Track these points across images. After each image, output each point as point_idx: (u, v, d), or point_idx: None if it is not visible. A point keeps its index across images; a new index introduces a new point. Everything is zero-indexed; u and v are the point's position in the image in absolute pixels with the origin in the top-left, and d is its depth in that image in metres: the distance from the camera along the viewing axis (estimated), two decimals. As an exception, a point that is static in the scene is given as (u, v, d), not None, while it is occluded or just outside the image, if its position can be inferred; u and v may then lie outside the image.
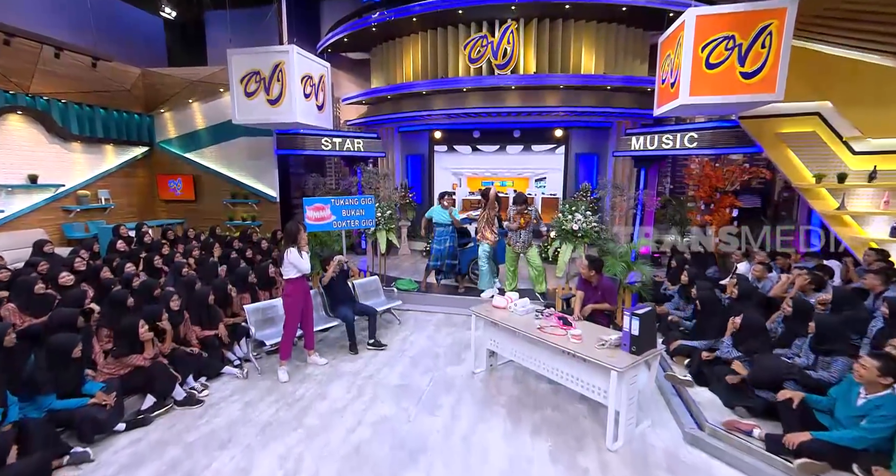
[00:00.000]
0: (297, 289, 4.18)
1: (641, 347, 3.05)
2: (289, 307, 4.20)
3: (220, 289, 4.65)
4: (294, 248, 4.10)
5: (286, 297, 4.21)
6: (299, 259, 4.09)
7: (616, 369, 2.91)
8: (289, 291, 4.19)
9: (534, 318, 3.92)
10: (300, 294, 4.20)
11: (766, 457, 2.75)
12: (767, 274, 5.05)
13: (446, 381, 4.14)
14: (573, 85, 7.71)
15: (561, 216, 5.79)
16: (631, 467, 2.90)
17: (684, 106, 5.32)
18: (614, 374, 2.93)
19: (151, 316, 3.69)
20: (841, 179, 5.79)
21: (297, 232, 4.13)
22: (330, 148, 8.58)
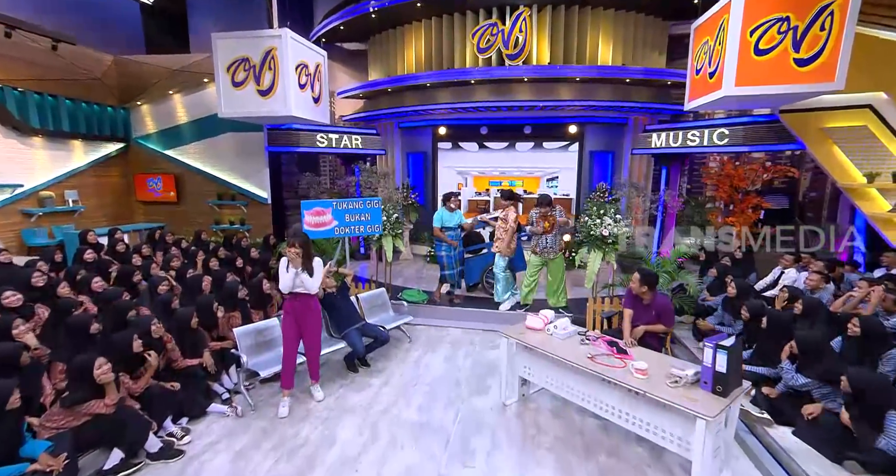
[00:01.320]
0: (288, 307, 3.57)
1: (728, 387, 2.47)
2: (282, 327, 3.61)
3: (205, 308, 3.97)
4: (283, 261, 3.47)
5: (282, 316, 3.60)
6: (283, 274, 3.46)
7: (704, 417, 2.32)
8: (283, 308, 3.63)
9: (579, 344, 3.33)
10: (290, 313, 3.55)
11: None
12: (824, 284, 4.54)
13: (475, 416, 3.53)
14: (590, 77, 7.15)
15: (588, 220, 5.21)
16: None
17: (728, 98, 4.77)
18: (701, 423, 2.34)
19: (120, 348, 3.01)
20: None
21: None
22: (326, 145, 7.89)
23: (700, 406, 2.38)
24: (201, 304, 3.96)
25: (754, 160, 7.98)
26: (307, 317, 3.61)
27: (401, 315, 5.05)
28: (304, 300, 3.58)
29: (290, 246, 3.42)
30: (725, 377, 2.44)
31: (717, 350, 2.45)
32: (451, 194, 5.68)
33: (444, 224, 5.62)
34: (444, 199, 5.72)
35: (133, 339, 3.09)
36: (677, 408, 2.48)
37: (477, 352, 4.82)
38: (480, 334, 5.32)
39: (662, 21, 7.89)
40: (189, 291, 4.44)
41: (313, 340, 3.69)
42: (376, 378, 4.19)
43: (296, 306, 3.55)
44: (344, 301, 4.43)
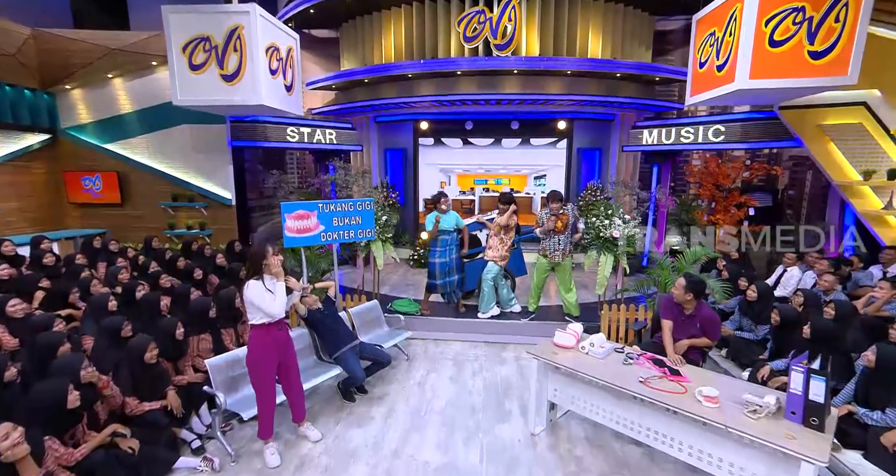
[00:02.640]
0: (266, 340, 2.80)
1: (824, 418, 2.12)
2: (255, 368, 2.80)
3: (167, 335, 3.23)
4: (257, 281, 2.74)
5: (250, 354, 2.82)
6: (262, 296, 2.70)
7: (813, 461, 1.95)
8: (253, 344, 2.80)
9: (622, 364, 2.93)
10: (270, 347, 2.82)
11: None
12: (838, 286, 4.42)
13: (503, 451, 3.04)
14: (582, 70, 6.84)
15: (597, 221, 4.86)
16: None
17: (742, 91, 4.55)
18: (808, 468, 1.97)
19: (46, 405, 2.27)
20: (892, 176, 5.32)
21: (261, 255, 2.76)
22: (297, 139, 7.13)
23: (802, 446, 2.01)
24: (162, 330, 3.23)
25: (736, 158, 8.01)
26: (289, 347, 2.97)
27: (398, 330, 4.48)
28: (285, 326, 2.94)
29: (279, 252, 2.79)
30: (822, 407, 2.09)
31: (812, 376, 2.10)
32: (441, 195, 5.13)
33: (440, 227, 5.09)
34: (433, 200, 5.17)
35: (66, 390, 2.34)
36: (768, 445, 2.10)
37: (485, 368, 4.34)
38: (483, 347, 4.85)
39: (649, 15, 7.73)
40: (144, 313, 3.65)
41: (297, 376, 3.04)
42: (377, 407, 3.61)
43: (278, 337, 2.86)
44: (332, 318, 3.81)
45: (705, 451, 2.40)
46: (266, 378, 2.84)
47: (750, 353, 3.92)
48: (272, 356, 2.85)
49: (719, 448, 2.35)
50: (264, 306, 2.71)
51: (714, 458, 2.37)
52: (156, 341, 3.02)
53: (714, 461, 2.37)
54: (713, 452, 2.37)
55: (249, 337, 2.85)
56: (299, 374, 3.04)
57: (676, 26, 8.33)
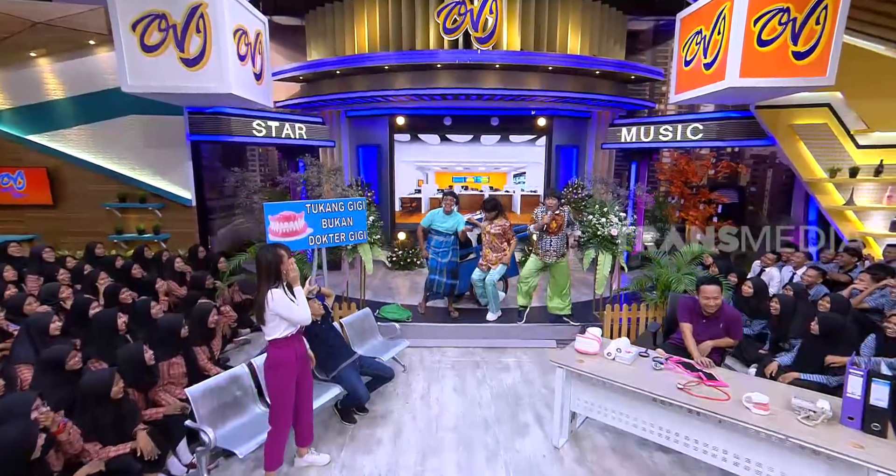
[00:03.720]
0: (290, 354, 2.51)
1: (886, 424, 2.06)
2: (278, 387, 2.51)
3: (133, 363, 2.72)
4: (278, 289, 2.41)
5: (271, 371, 2.52)
6: (290, 305, 2.40)
7: (887, 471, 1.88)
8: (274, 360, 2.50)
9: (652, 369, 2.79)
10: (293, 362, 2.52)
11: None
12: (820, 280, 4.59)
13: (531, 469, 2.82)
14: (563, 66, 6.77)
15: (593, 218, 4.77)
16: None
17: (733, 89, 4.61)
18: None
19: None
20: (853, 174, 5.65)
21: (277, 261, 2.43)
22: (264, 134, 6.53)
23: (874, 455, 1.93)
24: (126, 359, 2.71)
25: (703, 156, 8.32)
26: (305, 364, 2.64)
27: (394, 340, 4.14)
28: (301, 341, 2.60)
29: (291, 255, 2.52)
30: (884, 412, 2.03)
31: (873, 379, 2.03)
32: (448, 194, 4.83)
33: (434, 225, 4.79)
34: (444, 196, 4.87)
35: (34, 434, 1.84)
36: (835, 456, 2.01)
37: (489, 376, 4.10)
38: (481, 353, 4.62)
39: (622, 14, 7.81)
40: (98, 335, 3.09)
41: (309, 393, 2.71)
42: (383, 428, 3.27)
43: (298, 348, 2.57)
44: (330, 330, 3.42)
45: (753, 460, 2.30)
46: (288, 398, 2.52)
47: (752, 349, 3.96)
48: (293, 372, 2.53)
49: (768, 456, 2.25)
50: (293, 315, 2.42)
51: (764, 467, 2.27)
52: (120, 373, 2.52)
53: (764, 471, 2.27)
54: (762, 461, 2.27)
55: (269, 354, 2.52)
56: (313, 388, 2.68)
57: (647, 27, 8.50)
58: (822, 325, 3.28)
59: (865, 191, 5.90)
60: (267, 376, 2.55)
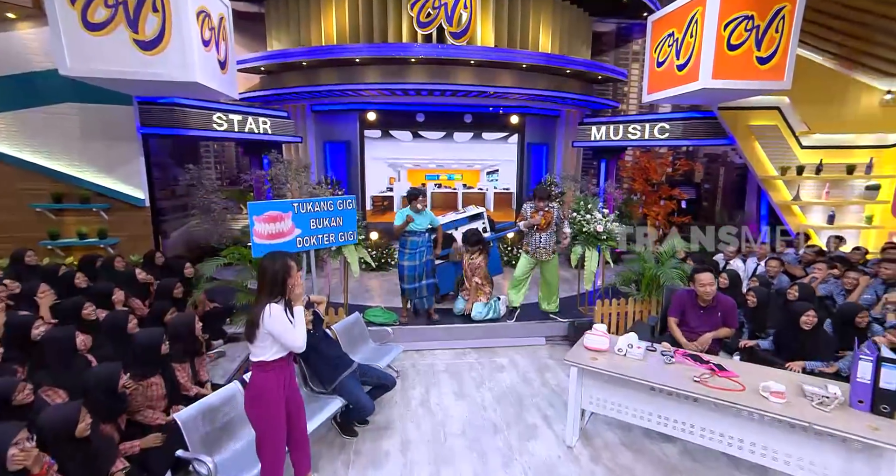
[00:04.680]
0: (277, 379, 2.19)
1: (894, 406, 2.20)
2: (265, 419, 2.17)
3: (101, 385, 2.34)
4: (278, 305, 2.12)
5: (256, 402, 2.17)
6: (287, 326, 2.10)
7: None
8: (259, 389, 2.15)
9: (664, 364, 2.83)
10: (280, 389, 2.20)
11: None
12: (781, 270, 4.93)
13: (550, 472, 2.76)
14: (537, 64, 6.82)
15: (578, 215, 4.82)
16: None
17: (706, 90, 4.84)
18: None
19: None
20: (800, 172, 6.15)
21: (285, 272, 2.14)
22: (226, 128, 6.03)
23: (888, 436, 2.04)
24: (99, 384, 2.33)
25: (662, 155, 8.75)
26: (294, 392, 2.36)
27: (387, 346, 3.94)
28: (290, 366, 2.32)
29: (299, 269, 2.23)
30: (893, 395, 2.16)
31: (883, 364, 2.16)
32: (418, 192, 4.61)
33: (410, 227, 4.60)
34: (408, 196, 4.64)
35: None
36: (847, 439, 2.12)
37: (485, 378, 4.02)
38: (473, 354, 4.53)
39: (588, 16, 8.01)
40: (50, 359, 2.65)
41: (302, 421, 2.43)
42: (387, 440, 3.09)
43: (286, 373, 2.26)
44: (325, 340, 3.17)
45: (770, 447, 2.38)
46: (278, 430, 2.21)
47: (734, 338, 4.16)
48: (280, 399, 2.22)
49: (783, 442, 2.34)
50: (287, 339, 2.11)
51: (780, 453, 2.35)
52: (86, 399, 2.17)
53: (781, 456, 2.35)
54: (778, 448, 2.35)
55: (252, 380, 2.19)
56: (305, 412, 2.42)
57: (609, 29, 8.79)
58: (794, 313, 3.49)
59: (808, 187, 6.46)
60: (250, 408, 2.19)
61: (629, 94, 9.11)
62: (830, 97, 6.17)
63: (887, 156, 6.44)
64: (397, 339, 4.36)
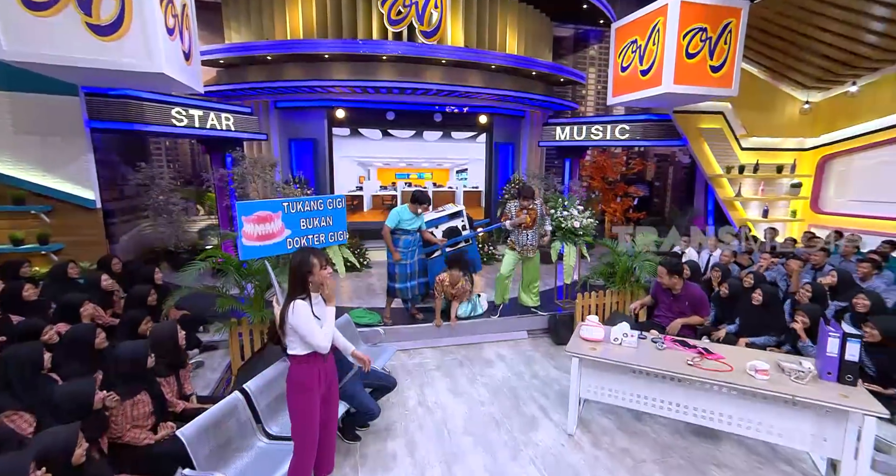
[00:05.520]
0: (313, 373, 2.16)
1: (857, 375, 2.50)
2: (301, 410, 2.15)
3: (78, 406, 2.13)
4: (302, 301, 2.09)
5: (294, 392, 2.16)
6: (310, 325, 2.06)
7: (876, 415, 2.28)
8: (297, 379, 2.15)
9: (656, 350, 3.03)
10: (316, 383, 2.18)
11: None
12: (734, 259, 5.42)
13: (557, 460, 2.85)
14: (505, 66, 6.98)
15: (555, 212, 5.01)
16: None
17: (669, 95, 5.21)
18: (871, 421, 2.30)
19: None
20: (741, 171, 6.78)
21: (305, 268, 2.10)
22: (186, 123, 5.62)
23: (860, 402, 2.33)
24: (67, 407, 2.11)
25: (617, 155, 9.29)
26: (332, 382, 2.31)
27: (380, 347, 3.88)
28: (331, 355, 2.28)
29: (328, 264, 2.18)
30: (856, 366, 2.46)
31: (848, 339, 2.45)
32: (425, 198, 4.59)
33: (401, 225, 4.58)
34: (414, 200, 4.60)
35: None
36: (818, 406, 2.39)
37: (477, 373, 4.08)
38: (460, 351, 4.57)
39: (550, 20, 8.31)
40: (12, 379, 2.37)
41: (334, 417, 2.40)
42: (391, 441, 3.05)
43: (324, 369, 2.22)
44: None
45: (754, 420, 2.62)
46: (312, 423, 2.17)
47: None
48: (316, 395, 2.18)
49: (764, 414, 2.59)
50: (310, 337, 2.08)
51: (764, 425, 2.60)
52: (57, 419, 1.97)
53: (764, 428, 2.60)
54: (761, 419, 2.60)
55: (291, 371, 2.17)
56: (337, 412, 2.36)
57: (568, 34, 9.17)
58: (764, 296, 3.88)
59: (747, 185, 7.13)
60: (290, 397, 2.18)
61: (587, 96, 9.57)
62: (763, 105, 6.86)
63: (806, 158, 7.27)
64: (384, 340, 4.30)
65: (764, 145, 6.99)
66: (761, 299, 3.87)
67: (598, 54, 9.42)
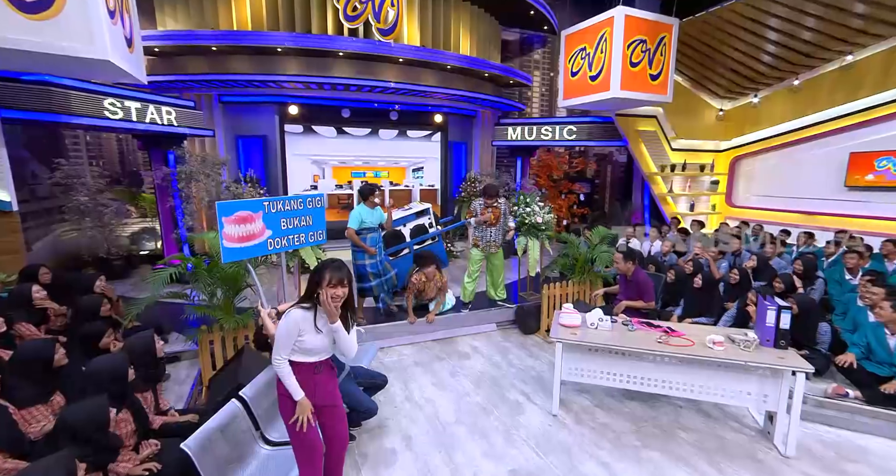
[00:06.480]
0: (313, 381, 2.10)
1: (788, 340, 2.98)
2: (290, 417, 2.06)
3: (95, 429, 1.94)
4: (298, 311, 2.04)
5: (282, 400, 2.09)
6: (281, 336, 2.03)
7: (805, 370, 2.73)
8: (280, 387, 2.09)
9: (628, 331, 3.35)
10: (319, 395, 2.11)
11: (871, 412, 3.16)
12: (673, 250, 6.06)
13: (547, 439, 3.06)
14: (459, 66, 7.14)
15: (518, 208, 5.26)
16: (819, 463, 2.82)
17: (615, 99, 5.67)
18: (801, 376, 2.75)
19: None
20: (672, 169, 7.55)
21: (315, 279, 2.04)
22: (121, 116, 5.08)
23: (794, 362, 2.78)
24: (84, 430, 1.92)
25: (561, 154, 9.89)
26: (331, 395, 2.22)
27: (363, 346, 3.82)
28: (326, 368, 2.21)
29: (338, 284, 2.00)
30: (788, 332, 2.93)
31: (782, 311, 2.91)
32: (373, 187, 4.61)
33: (364, 224, 4.55)
34: (361, 193, 4.59)
35: None
36: (762, 368, 2.82)
37: (457, 366, 4.20)
38: (435, 346, 4.67)
39: (499, 24, 8.61)
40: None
41: (343, 427, 2.30)
42: (387, 438, 3.08)
43: (318, 382, 2.13)
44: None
45: (709, 386, 3.02)
46: (307, 438, 2.08)
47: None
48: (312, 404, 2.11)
49: (719, 380, 2.99)
50: (275, 349, 2.05)
51: (720, 389, 3.00)
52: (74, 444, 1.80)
53: (719, 392, 3.00)
54: (717, 385, 3.00)
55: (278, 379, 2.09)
56: (346, 420, 2.31)
57: (514, 38, 9.56)
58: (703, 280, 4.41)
59: (677, 182, 7.97)
60: (279, 405, 2.11)
61: (532, 98, 10.05)
62: (688, 110, 7.71)
63: (722, 158, 8.28)
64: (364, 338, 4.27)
65: (689, 147, 7.86)
66: (701, 283, 4.39)
67: (542, 58, 9.94)
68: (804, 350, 3.43)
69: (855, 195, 6.48)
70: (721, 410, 3.42)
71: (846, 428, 3.19)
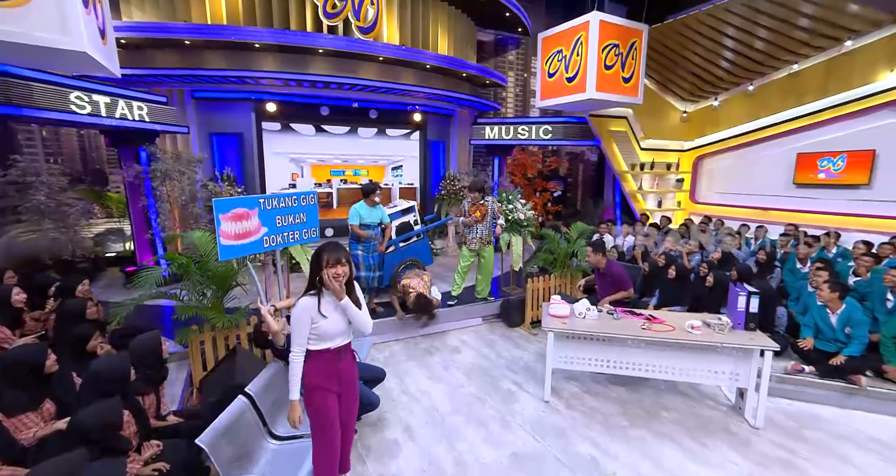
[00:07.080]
0: (314, 369, 2.14)
1: (756, 323, 3.25)
2: (315, 407, 2.13)
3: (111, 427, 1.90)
4: (308, 298, 2.11)
5: (307, 390, 2.15)
6: (296, 325, 2.09)
7: (772, 349, 3.01)
8: (307, 374, 2.12)
9: (613, 320, 3.55)
10: (325, 381, 2.16)
11: (824, 384, 3.51)
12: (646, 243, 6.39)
13: (542, 425, 3.20)
14: (439, 65, 7.22)
15: (502, 206, 5.41)
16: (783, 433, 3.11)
17: (591, 100, 5.92)
18: (769, 354, 3.02)
19: None
20: (642, 167, 7.94)
21: (315, 264, 2.12)
22: (89, 111, 4.83)
23: (763, 342, 3.05)
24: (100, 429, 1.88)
25: (535, 153, 10.16)
26: (352, 383, 2.29)
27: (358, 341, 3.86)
28: (348, 356, 2.27)
29: (336, 263, 2.07)
30: (756, 316, 3.21)
31: (751, 296, 3.18)
32: (375, 185, 4.66)
33: (363, 221, 4.60)
34: (364, 191, 4.64)
35: None
36: (734, 349, 3.09)
37: (448, 360, 4.29)
38: (425, 340, 4.74)
39: (475, 25, 8.74)
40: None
41: (353, 413, 2.37)
42: (388, 430, 3.13)
43: (342, 369, 2.20)
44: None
45: (688, 367, 3.26)
46: (328, 422, 2.14)
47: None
48: (331, 392, 2.17)
49: (697, 362, 3.24)
50: (293, 339, 2.11)
51: (696, 370, 3.25)
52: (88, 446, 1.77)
53: (697, 373, 3.25)
54: (694, 367, 3.25)
55: (305, 368, 2.13)
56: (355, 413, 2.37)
57: (489, 39, 9.72)
58: (676, 271, 4.71)
59: (645, 180, 8.38)
60: (305, 396, 2.16)
61: (507, 98, 10.26)
62: (655, 112, 8.13)
63: (686, 157, 8.78)
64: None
65: (657, 146, 8.28)
66: (674, 273, 4.69)
67: (516, 59, 10.17)
68: (766, 333, 3.75)
69: (803, 192, 7.05)
70: (697, 390, 3.68)
71: (803, 400, 3.53)
